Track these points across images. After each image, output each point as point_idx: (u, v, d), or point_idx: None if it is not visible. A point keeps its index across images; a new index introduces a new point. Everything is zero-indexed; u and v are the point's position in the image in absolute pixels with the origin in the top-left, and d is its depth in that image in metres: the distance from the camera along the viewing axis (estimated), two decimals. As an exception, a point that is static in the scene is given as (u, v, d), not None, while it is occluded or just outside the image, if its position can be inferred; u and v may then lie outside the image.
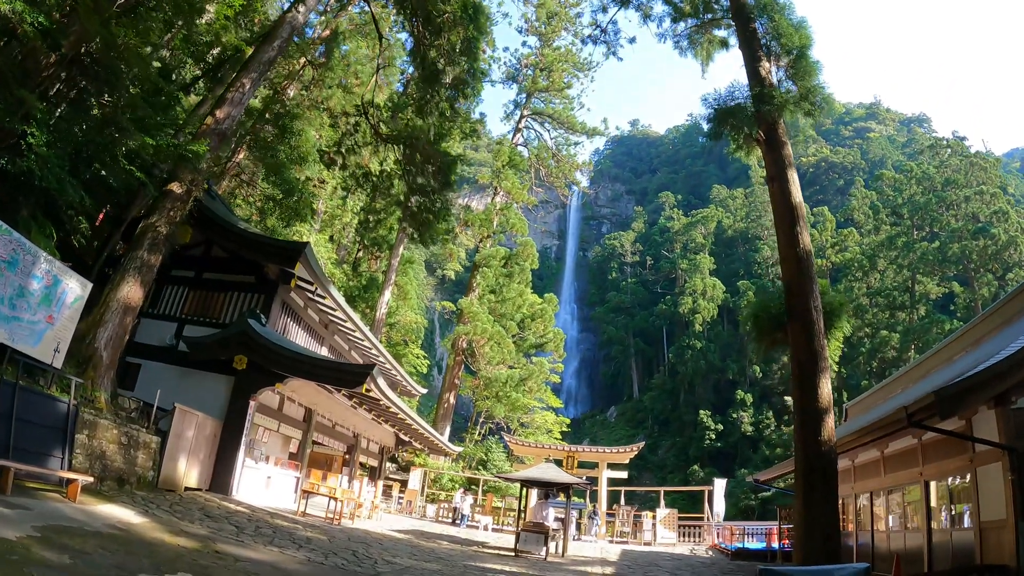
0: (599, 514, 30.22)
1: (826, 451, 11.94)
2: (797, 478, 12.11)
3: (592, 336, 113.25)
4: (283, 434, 21.77)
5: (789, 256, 13.90)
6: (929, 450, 14.07)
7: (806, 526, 11.45)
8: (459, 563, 13.73)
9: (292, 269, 19.24)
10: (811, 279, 13.53)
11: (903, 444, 15.23)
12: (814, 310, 13.10)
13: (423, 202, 20.27)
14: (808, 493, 11.64)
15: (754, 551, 21.78)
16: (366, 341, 26.38)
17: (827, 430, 12.11)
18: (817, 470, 11.77)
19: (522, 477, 19.83)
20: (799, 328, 13.10)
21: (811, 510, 11.50)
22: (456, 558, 14.80)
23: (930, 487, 14.05)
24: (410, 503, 32.28)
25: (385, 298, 42.28)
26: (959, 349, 17.45)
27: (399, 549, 14.55)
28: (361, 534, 16.07)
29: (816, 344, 12.81)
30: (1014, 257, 59.64)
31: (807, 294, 13.28)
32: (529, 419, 45.70)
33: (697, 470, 68.84)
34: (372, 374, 17.06)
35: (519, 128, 52.37)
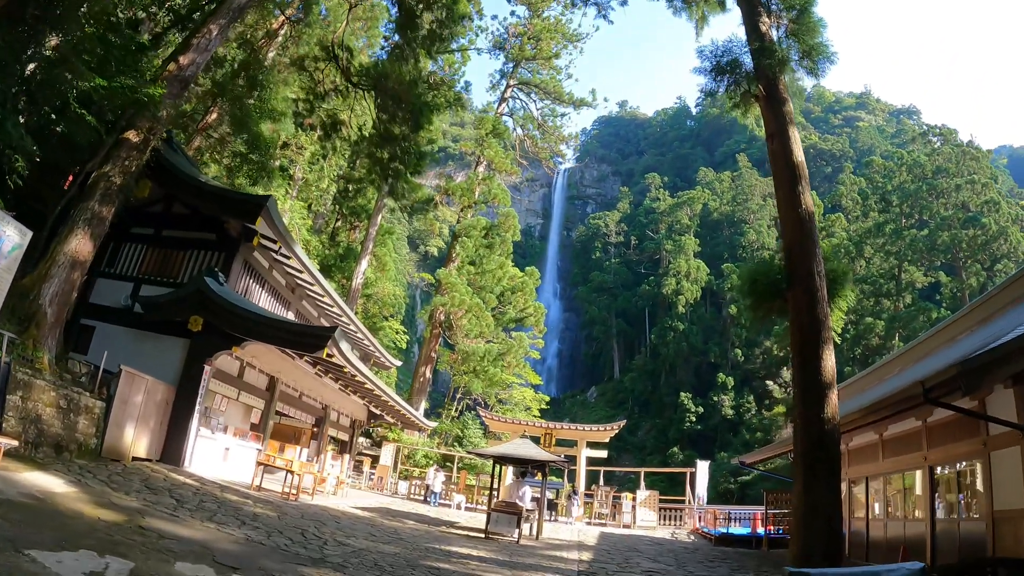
0: (577, 495, 29.09)
1: (829, 430, 10.80)
2: (796, 459, 10.94)
3: (574, 316, 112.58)
4: (244, 403, 20.49)
5: (790, 217, 12.68)
6: (935, 433, 13.04)
7: (806, 512, 10.31)
8: (421, 545, 12.54)
9: (253, 224, 17.95)
10: (814, 241, 12.36)
11: (905, 427, 14.19)
12: (817, 275, 11.94)
13: (394, 151, 18.82)
14: (809, 476, 10.49)
15: (739, 536, 20.73)
16: (335, 307, 25.03)
17: (831, 406, 10.97)
18: (819, 450, 10.63)
19: (495, 453, 18.61)
20: (801, 294, 11.92)
21: (812, 494, 10.36)
22: (419, 539, 13.61)
23: (935, 473, 13.02)
24: (381, 479, 31.07)
25: (362, 268, 40.85)
26: (962, 329, 16.31)
27: (357, 529, 13.31)
28: (318, 511, 14.82)
29: (819, 311, 11.65)
30: (1003, 248, 59.03)
31: (810, 257, 12.11)
32: (507, 395, 44.56)
33: (677, 452, 68.18)
34: (334, 337, 15.76)
35: (504, 98, 50.80)
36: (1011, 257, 57.76)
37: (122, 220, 18.79)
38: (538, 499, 19.75)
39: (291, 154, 41.44)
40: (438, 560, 10.88)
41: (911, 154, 73.82)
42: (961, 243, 59.53)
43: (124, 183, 15.89)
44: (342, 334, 16.62)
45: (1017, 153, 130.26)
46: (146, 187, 18.39)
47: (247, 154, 24.25)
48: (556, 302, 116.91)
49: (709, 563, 14.80)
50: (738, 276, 14.63)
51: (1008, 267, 54.87)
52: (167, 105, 16.66)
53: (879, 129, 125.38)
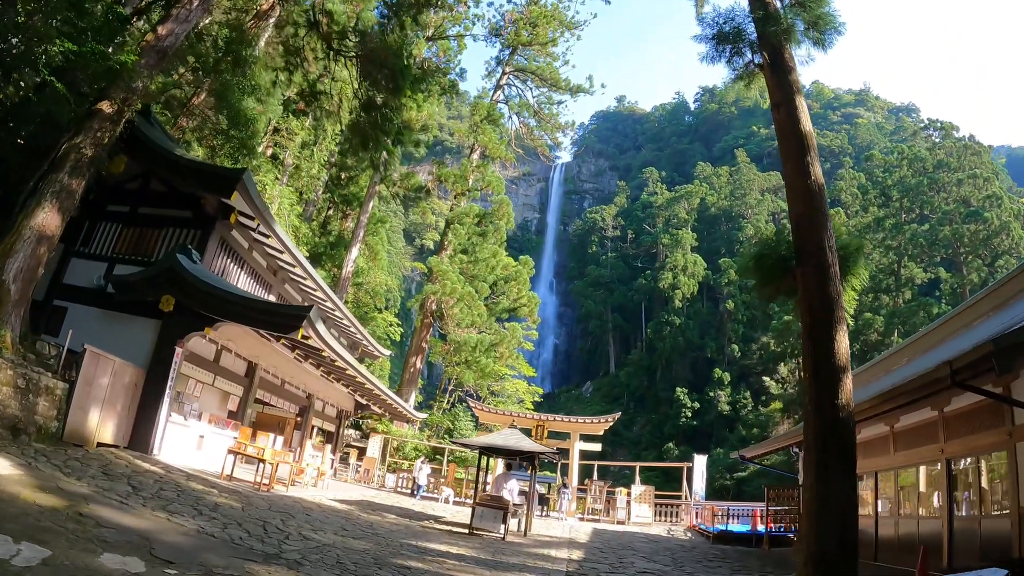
0: (570, 489, 28.08)
1: (844, 417, 9.78)
2: (807, 450, 9.95)
3: (570, 311, 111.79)
4: (220, 389, 19.48)
5: (798, 188, 11.64)
6: (953, 424, 12.09)
7: (819, 509, 9.30)
8: (396, 541, 11.55)
9: (229, 199, 16.93)
10: (824, 214, 11.33)
11: (919, 418, 13.26)
12: (829, 250, 10.92)
13: (375, 119, 17.77)
14: (822, 469, 9.48)
15: (738, 534, 19.77)
16: (319, 291, 24.01)
17: (845, 392, 9.96)
18: (833, 441, 9.62)
19: (482, 444, 17.54)
20: (811, 271, 10.91)
21: (825, 489, 9.35)
22: (396, 535, 12.61)
23: (953, 466, 12.07)
24: (368, 472, 30.06)
25: (352, 255, 39.76)
26: (976, 316, 15.39)
27: (328, 522, 12.31)
28: (291, 503, 13.81)
29: (831, 289, 10.64)
30: (1005, 243, 58.14)
31: (820, 231, 11.09)
32: (500, 387, 43.52)
33: (672, 448, 67.52)
34: (309, 317, 14.73)
35: (500, 85, 49.66)
36: (1012, 253, 56.87)
37: (98, 198, 18.26)
38: (527, 493, 18.77)
39: (282, 140, 40.52)
40: (411, 558, 9.89)
41: (912, 148, 72.94)
42: (962, 238, 58.63)
43: (96, 155, 14.99)
44: (318, 314, 15.56)
45: (1016, 153, 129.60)
46: (121, 162, 17.46)
47: (227, 131, 23.18)
48: (552, 297, 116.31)
49: (708, 563, 13.84)
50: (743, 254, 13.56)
51: (1010, 263, 53.95)
52: (144, 76, 15.71)
53: (878, 126, 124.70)
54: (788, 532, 19.07)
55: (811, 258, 10.99)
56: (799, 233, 11.45)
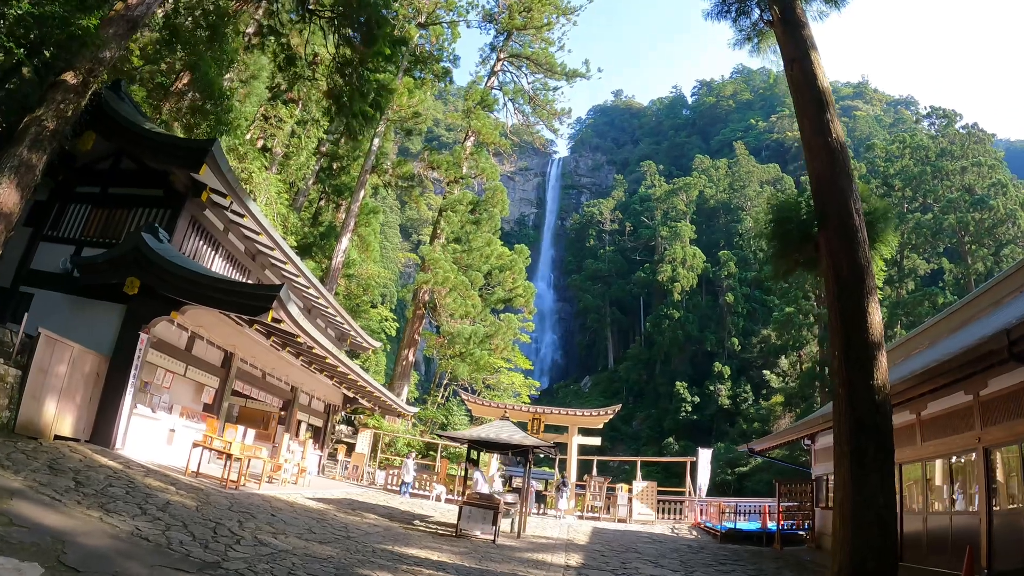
0: (567, 486, 26.73)
1: (881, 401, 8.56)
2: (839, 442, 8.67)
3: (568, 306, 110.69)
4: (194, 380, 18.16)
5: (818, 147, 10.42)
6: (992, 408, 10.84)
7: (855, 508, 8.05)
8: (369, 546, 10.28)
9: (198, 173, 15.64)
10: (848, 175, 10.13)
11: (950, 403, 12.01)
12: (855, 212, 9.72)
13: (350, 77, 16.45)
14: (857, 463, 8.23)
15: (747, 533, 18.50)
16: (301, 278, 22.71)
17: (881, 372, 8.73)
18: (869, 429, 8.38)
19: (470, 437, 16.19)
20: (837, 235, 9.70)
21: (861, 486, 8.11)
22: (371, 539, 11.34)
23: (992, 456, 10.82)
24: (357, 468, 28.76)
25: (342, 246, 38.44)
26: (1006, 292, 14.19)
27: (295, 525, 11.02)
28: (258, 502, 12.53)
29: (860, 255, 9.44)
30: (1011, 232, 56.84)
31: (845, 192, 9.89)
32: (495, 381, 42.15)
33: (672, 442, 66.37)
34: (279, 297, 13.44)
35: (495, 71, 48.31)
36: (1018, 242, 55.60)
37: (68, 179, 17.44)
38: (520, 490, 17.47)
39: (270, 128, 39.25)
40: (380, 568, 8.62)
41: (914, 137, 71.63)
42: (967, 226, 57.32)
43: (58, 128, 13.87)
44: (290, 295, 14.25)
45: (1015, 146, 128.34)
46: (89, 139, 16.44)
47: (203, 105, 21.87)
48: (550, 292, 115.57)
49: (720, 566, 12.57)
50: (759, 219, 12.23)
51: (1015, 252, 52.83)
52: (112, 46, 14.58)
53: (877, 119, 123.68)
54: (799, 530, 17.85)
55: (836, 221, 9.81)
56: (821, 194, 10.25)
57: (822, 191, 10.18)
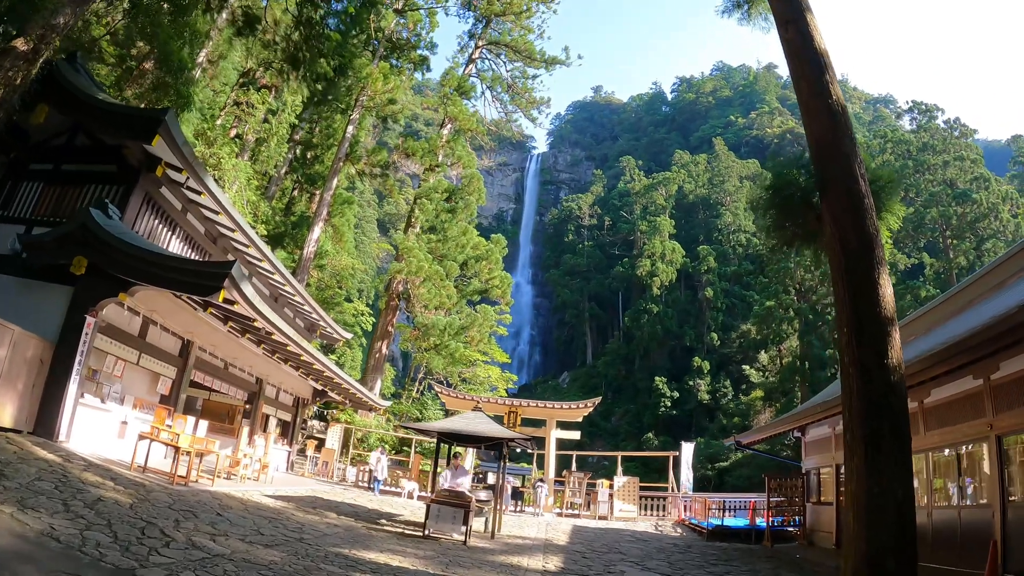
0: (546, 482, 25.66)
1: (896, 382, 7.62)
2: (849, 428, 7.70)
3: (547, 302, 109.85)
4: (148, 369, 16.93)
5: (818, 109, 9.47)
6: (1004, 393, 10.04)
7: (870, 501, 7.10)
8: (323, 550, 9.18)
9: (150, 144, 14.45)
10: (852, 139, 9.18)
11: (957, 389, 11.19)
12: (861, 178, 8.79)
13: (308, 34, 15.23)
14: (872, 451, 7.28)
15: (735, 529, 17.59)
16: (265, 263, 21.47)
17: (895, 351, 7.81)
18: (885, 413, 7.44)
19: (440, 428, 15.09)
20: (842, 202, 8.76)
21: (877, 478, 7.16)
22: (327, 541, 10.24)
23: (1005, 444, 9.97)
24: (326, 465, 27.57)
25: (314, 235, 37.11)
26: (1008, 274, 13.39)
27: (243, 526, 9.90)
28: (206, 500, 11.37)
29: (868, 224, 8.52)
30: (993, 226, 56.58)
31: (849, 156, 8.95)
32: (472, 374, 40.98)
33: (651, 438, 65.58)
34: (231, 275, 12.30)
35: (473, 59, 47.09)
36: (1000, 236, 55.31)
37: (20, 156, 16.39)
38: (495, 487, 16.41)
39: (242, 114, 37.99)
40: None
41: (895, 132, 71.41)
42: (950, 219, 57.05)
43: (5, 96, 12.89)
44: (243, 274, 13.10)
45: (991, 146, 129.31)
46: (42, 112, 15.32)
47: (164, 79, 20.60)
48: (528, 287, 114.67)
49: (711, 567, 11.61)
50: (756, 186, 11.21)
51: (997, 247, 52.44)
52: (67, 12, 13.55)
53: (856, 117, 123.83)
54: (788, 526, 16.98)
55: (840, 187, 8.87)
56: (822, 159, 9.30)
57: (824, 155, 9.24)
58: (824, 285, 60.75)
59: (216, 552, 7.52)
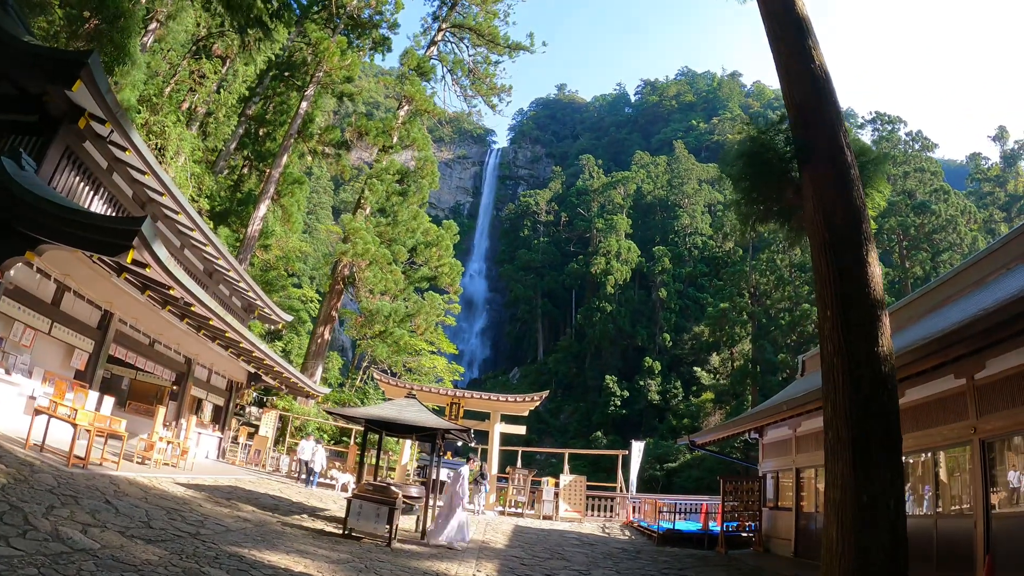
0: (487, 478, 24.38)
1: (887, 375, 6.67)
2: (833, 427, 6.65)
3: (500, 296, 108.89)
4: (62, 341, 15.30)
5: (800, 72, 8.50)
6: (989, 394, 9.29)
7: (858, 511, 6.10)
8: (217, 549, 7.88)
9: (71, 88, 12.83)
10: (836, 106, 8.27)
11: (937, 389, 10.37)
12: (846, 148, 7.90)
13: None
14: (860, 453, 6.31)
15: (687, 534, 16.62)
16: (197, 232, 19.87)
17: (885, 338, 6.87)
18: (874, 410, 6.49)
19: (365, 415, 13.68)
20: (826, 174, 7.85)
21: (867, 483, 6.19)
22: (226, 537, 8.92)
23: (990, 448, 9.15)
24: (258, 453, 25.98)
25: (260, 212, 35.37)
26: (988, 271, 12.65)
27: (132, 516, 8.54)
28: (102, 485, 9.95)
29: (855, 195, 7.64)
30: (950, 238, 57.08)
31: (834, 123, 8.04)
32: (417, 363, 39.63)
33: (600, 436, 64.98)
34: (141, 232, 10.82)
35: (435, 42, 45.60)
36: (956, 249, 55.79)
37: None
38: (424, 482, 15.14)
39: (191, 84, 36.11)
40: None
41: (856, 141, 71.69)
42: (908, 230, 57.41)
43: None
44: (156, 233, 11.61)
45: (948, 165, 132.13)
46: None
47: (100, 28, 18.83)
48: (482, 281, 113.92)
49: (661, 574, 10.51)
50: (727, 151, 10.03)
51: (954, 259, 52.84)
52: None
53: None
54: (743, 531, 16.09)
55: (824, 156, 7.94)
56: (805, 126, 8.31)
57: (806, 122, 8.24)
58: (779, 289, 60.79)
59: (81, 546, 6.22)
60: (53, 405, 12.02)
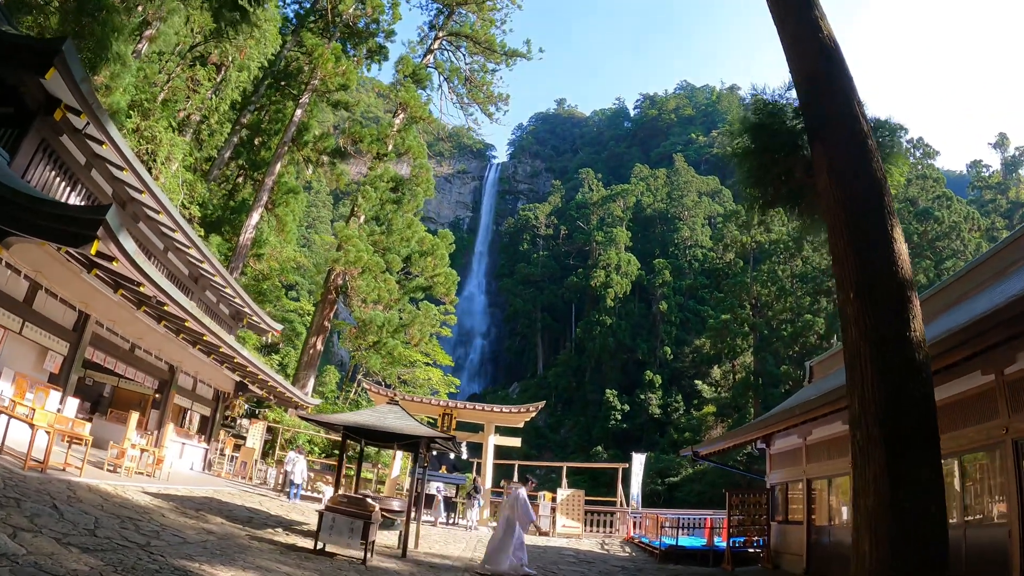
0: (480, 492, 23.39)
1: (922, 362, 5.86)
2: (862, 424, 5.80)
3: (499, 311, 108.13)
4: (34, 342, 14.44)
5: (808, 40, 7.79)
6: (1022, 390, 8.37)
7: (896, 524, 5.23)
8: (162, 562, 7.00)
9: (44, 77, 12.13)
10: (848, 76, 7.51)
11: (961, 387, 9.51)
12: (862, 117, 7.12)
13: None
14: (893, 453, 5.47)
15: (691, 550, 15.72)
16: (179, 233, 19.12)
17: (917, 321, 6.04)
18: (909, 402, 5.65)
19: (344, 422, 12.76)
20: (842, 145, 7.10)
21: (904, 487, 5.36)
22: (179, 551, 8.03)
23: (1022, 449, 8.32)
24: (245, 465, 25.06)
25: (252, 221, 34.66)
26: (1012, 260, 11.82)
27: (77, 523, 7.71)
28: (55, 490, 9.10)
29: (875, 168, 6.89)
30: (954, 245, 56.47)
31: (848, 93, 7.31)
32: (411, 375, 38.72)
33: (600, 451, 63.95)
34: (106, 221, 10.03)
35: (431, 50, 45.14)
36: (960, 256, 55.07)
37: None
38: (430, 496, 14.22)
39: (186, 90, 35.61)
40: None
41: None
42: (911, 237, 56.78)
43: None
44: (122, 223, 10.81)
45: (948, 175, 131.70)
46: None
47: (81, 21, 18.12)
48: (481, 296, 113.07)
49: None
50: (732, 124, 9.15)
51: (958, 265, 52.13)
52: None
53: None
54: (750, 546, 15.18)
55: (839, 126, 7.17)
56: (816, 96, 7.57)
57: (818, 92, 7.49)
58: (780, 300, 59.98)
59: (2, 551, 5.37)
60: (12, 404, 11.20)
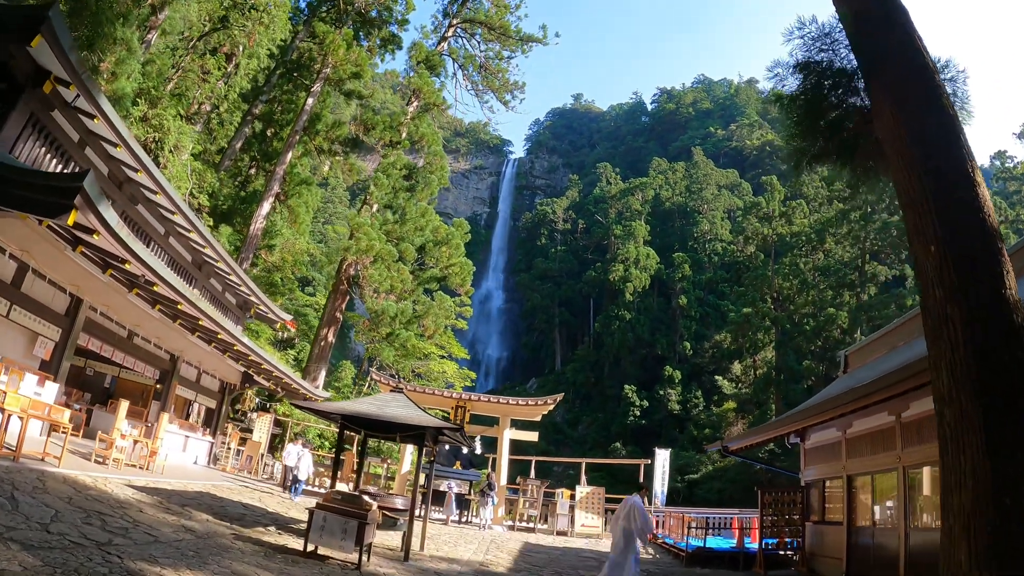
0: (495, 489, 22.20)
1: (1021, 326, 4.74)
2: (953, 401, 4.72)
3: (517, 307, 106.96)
4: (23, 327, 13.69)
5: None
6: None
7: (1000, 518, 4.16)
8: (118, 564, 6.06)
9: (31, 45, 11.28)
10: (905, 12, 6.43)
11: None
12: (925, 51, 6.16)
13: None
14: (997, 428, 4.39)
15: (720, 552, 14.64)
16: (179, 216, 18.25)
17: (1011, 279, 4.98)
18: (1012, 373, 4.56)
19: (341, 410, 11.69)
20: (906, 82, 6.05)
21: (1011, 476, 4.27)
22: (144, 551, 7.14)
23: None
24: (250, 459, 24.24)
25: (263, 211, 33.87)
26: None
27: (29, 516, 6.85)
28: (23, 479, 8.22)
29: (946, 104, 5.83)
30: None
31: (907, 27, 6.24)
32: (425, 368, 37.82)
33: (619, 447, 62.81)
34: (84, 188, 9.15)
35: (445, 38, 44.24)
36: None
37: None
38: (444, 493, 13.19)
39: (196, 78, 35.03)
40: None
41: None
42: (940, 227, 55.33)
43: None
44: (101, 193, 9.90)
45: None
46: None
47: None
48: (499, 292, 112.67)
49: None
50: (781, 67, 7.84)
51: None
52: None
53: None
54: (783, 548, 14.08)
55: (901, 61, 6.12)
56: (868, 34, 6.57)
57: (870, 29, 6.48)
58: (803, 294, 58.60)
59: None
60: (-14, 393, 10.36)
